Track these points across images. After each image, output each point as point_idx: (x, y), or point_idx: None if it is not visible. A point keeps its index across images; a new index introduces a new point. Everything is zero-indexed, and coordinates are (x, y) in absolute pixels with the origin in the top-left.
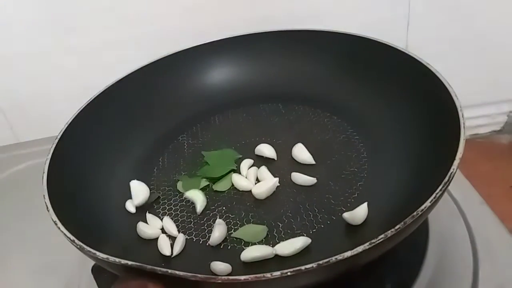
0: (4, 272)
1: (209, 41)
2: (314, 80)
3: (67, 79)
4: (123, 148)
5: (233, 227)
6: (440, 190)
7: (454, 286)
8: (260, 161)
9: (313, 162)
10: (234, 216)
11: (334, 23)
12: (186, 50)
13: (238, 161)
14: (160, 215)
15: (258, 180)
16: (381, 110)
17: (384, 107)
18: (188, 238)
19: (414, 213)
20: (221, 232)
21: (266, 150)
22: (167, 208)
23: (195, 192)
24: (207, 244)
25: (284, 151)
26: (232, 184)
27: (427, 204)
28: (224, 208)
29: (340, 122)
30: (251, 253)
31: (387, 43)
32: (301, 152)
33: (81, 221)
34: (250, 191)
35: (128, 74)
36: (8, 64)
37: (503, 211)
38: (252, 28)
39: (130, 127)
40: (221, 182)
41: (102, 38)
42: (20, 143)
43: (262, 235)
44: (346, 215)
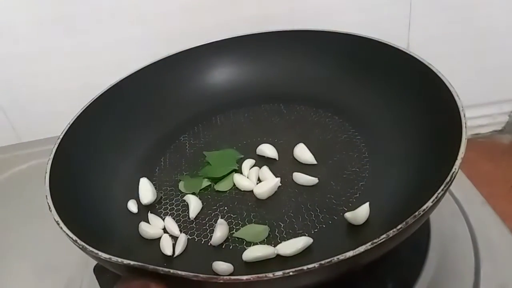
0: (7, 272)
1: (211, 42)
2: (315, 80)
3: (69, 79)
4: (125, 148)
5: (235, 227)
6: (442, 190)
7: (456, 286)
8: (262, 161)
9: (315, 162)
10: (236, 216)
11: (336, 23)
12: (188, 50)
13: (240, 161)
14: (162, 215)
15: (260, 180)
16: (383, 110)
17: (386, 107)
18: (190, 238)
19: (416, 213)
20: (223, 232)
21: (268, 150)
22: (169, 208)
23: (190, 196)
24: (209, 244)
25: (286, 151)
26: (234, 184)
27: (429, 204)
28: (226, 208)
29: (342, 122)
30: (253, 253)
31: (388, 43)
32: (303, 152)
33: (83, 221)
34: (252, 191)
35: (130, 74)
36: (10, 64)
37: (505, 211)
38: (254, 29)
39: (132, 127)
40: (223, 182)
41: (103, 38)
42: (22, 143)
43: (264, 235)
44: (348, 215)
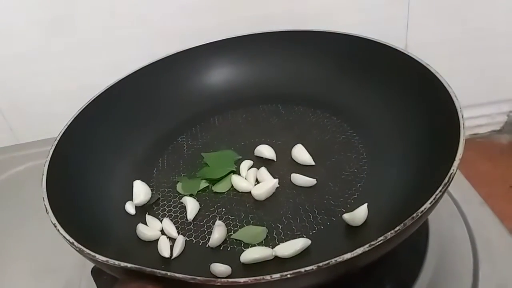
0: (4, 274)
1: (209, 42)
2: (314, 81)
3: (67, 80)
4: (123, 150)
5: (233, 229)
6: (440, 191)
7: (454, 287)
8: (260, 162)
9: (313, 163)
10: (234, 218)
11: (334, 24)
12: (186, 51)
13: (238, 162)
14: (160, 217)
15: (258, 181)
16: (381, 111)
17: (384, 108)
18: (188, 240)
19: (414, 215)
20: (221, 234)
21: (266, 151)
22: (167, 210)
23: (188, 198)
24: (207, 246)
25: (284, 152)
26: (232, 186)
27: (427, 206)
28: (224, 210)
29: (340, 123)
30: (251, 255)
31: (387, 44)
32: (301, 153)
33: (81, 223)
34: (250, 192)
35: (128, 75)
36: (8, 65)
37: (503, 211)
38: (252, 29)
39: (130, 128)
40: (221, 184)
41: (102, 39)
42: (20, 144)
43: (262, 237)
44: (346, 216)
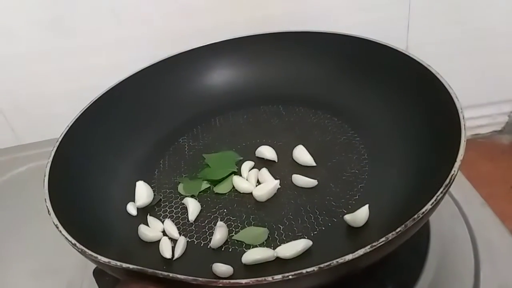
0: (6, 275)
1: (210, 43)
2: (315, 82)
3: (68, 81)
4: (124, 151)
5: (234, 230)
6: (441, 193)
7: (456, 287)
8: (261, 163)
9: (314, 164)
10: (235, 219)
11: (334, 24)
12: (187, 52)
13: (239, 163)
14: (161, 218)
15: (259, 182)
16: (382, 112)
17: (385, 109)
18: (189, 241)
19: (415, 216)
20: (222, 235)
21: (267, 152)
22: (168, 211)
23: (189, 199)
24: (208, 247)
25: (285, 153)
26: (233, 187)
27: (428, 207)
28: (225, 211)
29: (341, 124)
30: (253, 256)
31: (387, 44)
32: (302, 154)
33: (83, 224)
34: (251, 193)
35: (129, 76)
36: (9, 66)
37: (504, 211)
38: (252, 30)
39: (131, 129)
40: (222, 185)
41: (103, 40)
42: (21, 145)
43: (263, 238)
44: (347, 217)
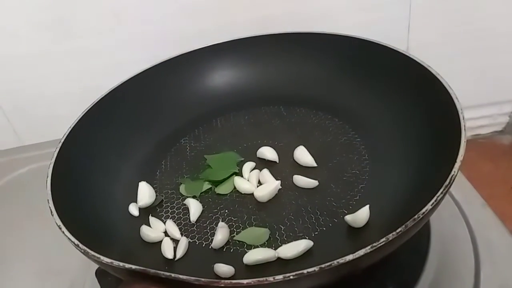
0: (8, 276)
1: (211, 44)
2: (315, 82)
3: (69, 82)
4: (126, 151)
5: (236, 230)
6: (441, 193)
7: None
8: (262, 164)
9: (315, 165)
10: (237, 219)
11: (335, 25)
12: (188, 53)
13: (240, 164)
14: (163, 219)
15: (260, 183)
16: (382, 112)
17: (385, 109)
18: (191, 241)
19: (416, 216)
20: (224, 235)
21: (268, 153)
22: (170, 212)
23: (191, 200)
24: (210, 247)
25: (286, 154)
26: (234, 187)
27: (428, 207)
28: (227, 211)
29: (342, 124)
30: (254, 256)
31: (388, 45)
32: (303, 155)
33: (85, 225)
34: (252, 194)
35: (130, 78)
36: (11, 66)
37: (505, 212)
38: (253, 31)
39: (133, 130)
40: (224, 185)
41: (104, 41)
42: (23, 146)
43: (265, 238)
44: (348, 218)
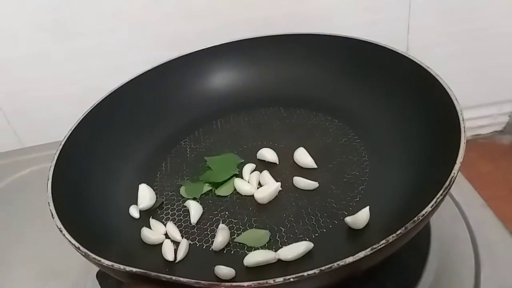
0: (9, 278)
1: (211, 46)
2: (315, 84)
3: (70, 83)
4: (126, 153)
5: (236, 232)
6: (441, 195)
7: None
8: (262, 166)
9: (315, 166)
10: (237, 221)
11: (335, 26)
12: (187, 55)
13: (240, 166)
14: (164, 221)
15: (260, 185)
16: (382, 114)
17: (385, 111)
18: (192, 243)
19: (415, 218)
20: (224, 237)
21: (268, 155)
22: (171, 214)
23: (191, 202)
24: (210, 249)
25: (286, 155)
26: (235, 189)
27: (428, 209)
28: (227, 213)
29: (342, 126)
30: (254, 258)
31: (387, 47)
32: (303, 156)
33: (85, 227)
34: (253, 196)
35: (130, 80)
36: (11, 68)
37: (505, 212)
38: (253, 32)
39: (133, 132)
40: (224, 187)
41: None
42: (24, 148)
43: (265, 240)
44: (348, 219)
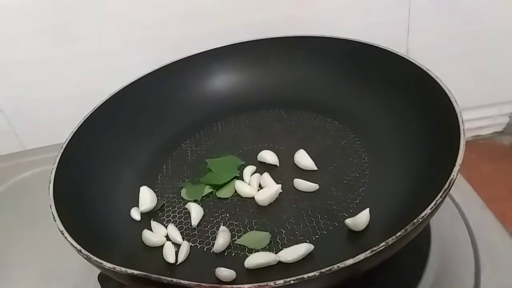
0: (11, 281)
1: (211, 48)
2: (315, 86)
3: (70, 86)
4: (127, 156)
5: (237, 234)
6: (441, 197)
7: None
8: (263, 168)
9: (315, 168)
10: (238, 223)
11: (335, 29)
12: (188, 58)
13: (241, 168)
14: (165, 223)
15: (261, 187)
16: (382, 115)
17: (385, 112)
18: (193, 246)
19: (415, 220)
20: (225, 239)
21: (269, 157)
22: (172, 216)
23: (192, 204)
24: (211, 251)
25: (286, 157)
26: (235, 191)
27: (428, 211)
28: (228, 215)
29: (342, 128)
30: (255, 260)
31: (387, 49)
32: (303, 158)
33: (87, 230)
34: (253, 198)
35: (131, 82)
36: (12, 72)
37: (506, 213)
38: (253, 35)
39: (134, 135)
40: (225, 189)
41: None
42: (26, 151)
43: (266, 242)
44: (348, 221)
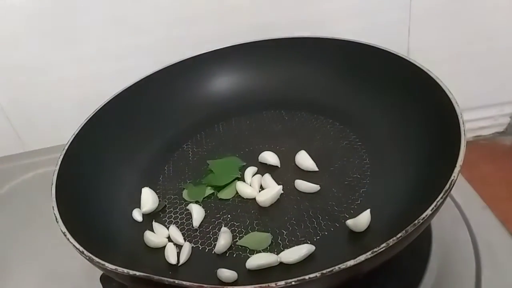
0: (13, 281)
1: (212, 50)
2: (316, 87)
3: (71, 88)
4: (129, 157)
5: (238, 235)
6: (441, 198)
7: None
8: (264, 169)
9: (316, 169)
10: (239, 224)
11: (336, 30)
12: (189, 59)
13: (242, 169)
14: (166, 224)
15: (262, 188)
16: (383, 116)
17: (386, 113)
18: (194, 247)
19: (416, 221)
20: (227, 240)
21: (270, 158)
22: (173, 217)
23: (193, 205)
24: (213, 252)
25: (288, 158)
26: (237, 192)
27: (428, 212)
28: (229, 216)
29: (343, 129)
30: (256, 261)
31: (388, 50)
32: (304, 159)
33: (89, 231)
34: (255, 199)
35: (133, 84)
36: (15, 74)
37: (506, 213)
38: (254, 36)
39: (136, 136)
40: (226, 190)
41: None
42: (27, 152)
43: (267, 243)
44: (350, 222)
